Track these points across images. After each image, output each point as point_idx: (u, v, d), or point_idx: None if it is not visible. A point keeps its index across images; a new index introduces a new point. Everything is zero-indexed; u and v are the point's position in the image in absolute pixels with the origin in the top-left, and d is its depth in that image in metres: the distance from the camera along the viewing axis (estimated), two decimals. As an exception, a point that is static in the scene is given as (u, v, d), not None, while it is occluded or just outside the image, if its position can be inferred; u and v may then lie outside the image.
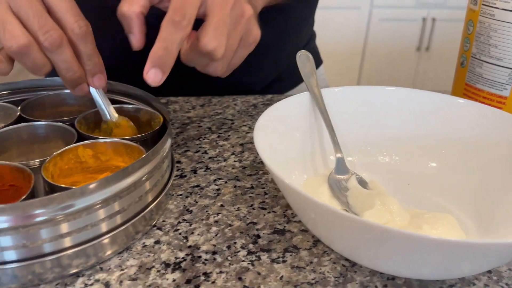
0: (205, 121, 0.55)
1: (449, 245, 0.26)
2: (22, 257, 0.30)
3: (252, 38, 0.40)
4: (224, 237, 0.36)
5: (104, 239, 0.32)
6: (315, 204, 0.28)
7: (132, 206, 0.34)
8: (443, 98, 0.42)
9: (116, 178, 0.32)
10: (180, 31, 0.34)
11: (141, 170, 0.34)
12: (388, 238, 0.26)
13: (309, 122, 0.43)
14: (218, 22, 0.36)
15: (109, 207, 0.32)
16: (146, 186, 0.35)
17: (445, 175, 0.41)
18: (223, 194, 0.41)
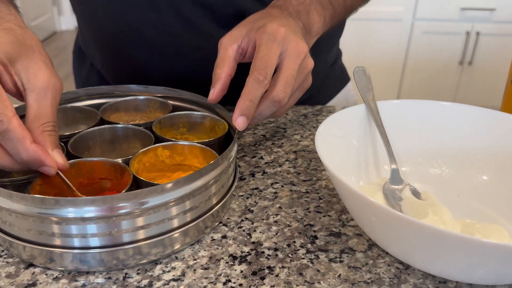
0: (259, 129, 0.59)
1: (503, 250, 0.28)
2: (107, 244, 0.34)
3: (308, 84, 0.48)
4: (284, 236, 0.39)
5: (178, 232, 0.36)
6: (374, 206, 0.31)
7: (202, 204, 0.38)
8: (495, 114, 0.44)
9: (190, 179, 0.36)
10: (262, 87, 0.43)
11: (211, 173, 0.37)
12: (444, 241, 0.29)
13: (364, 133, 0.46)
14: (288, 76, 0.44)
15: (182, 204, 0.36)
16: (214, 188, 0.38)
17: (495, 188, 0.43)
18: (280, 197, 0.44)
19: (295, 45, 0.44)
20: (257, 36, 0.45)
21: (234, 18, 0.54)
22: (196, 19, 0.57)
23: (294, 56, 0.44)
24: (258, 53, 0.44)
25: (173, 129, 0.48)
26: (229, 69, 0.46)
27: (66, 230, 0.33)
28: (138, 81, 0.59)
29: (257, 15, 0.49)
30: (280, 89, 0.43)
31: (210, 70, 0.50)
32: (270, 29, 0.45)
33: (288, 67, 0.44)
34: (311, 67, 0.46)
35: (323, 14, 0.53)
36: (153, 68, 0.62)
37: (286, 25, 0.46)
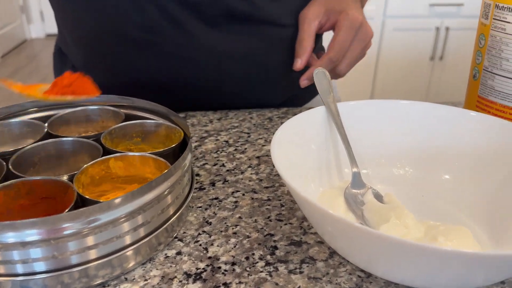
0: (222, 135, 0.57)
1: (464, 257, 0.27)
2: (52, 268, 0.32)
3: (368, 40, 0.61)
4: (242, 248, 0.37)
5: (128, 250, 0.34)
6: (332, 217, 0.29)
7: (155, 219, 0.36)
8: (456, 111, 0.43)
9: (140, 192, 0.33)
10: (332, 65, 0.58)
11: (164, 184, 0.35)
12: (403, 250, 0.27)
13: (324, 136, 0.45)
14: (351, 58, 0.59)
15: (133, 220, 0.34)
16: (168, 200, 0.36)
17: (458, 187, 0.42)
18: (241, 206, 0.42)
19: (365, 30, 0.59)
20: (340, 19, 0.57)
21: (221, 18, 0.57)
22: (181, 18, 0.56)
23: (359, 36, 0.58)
24: (338, 37, 0.57)
25: (126, 140, 0.45)
26: (312, 42, 0.58)
27: (6, 256, 0.31)
28: (122, 82, 0.59)
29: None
30: (338, 52, 0.57)
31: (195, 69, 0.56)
32: (352, 16, 0.57)
33: (347, 37, 0.57)
34: (370, 36, 0.60)
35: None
36: (137, 68, 0.60)
37: (358, 9, 0.60)
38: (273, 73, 0.64)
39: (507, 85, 0.48)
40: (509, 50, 0.47)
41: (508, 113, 0.49)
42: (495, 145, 0.40)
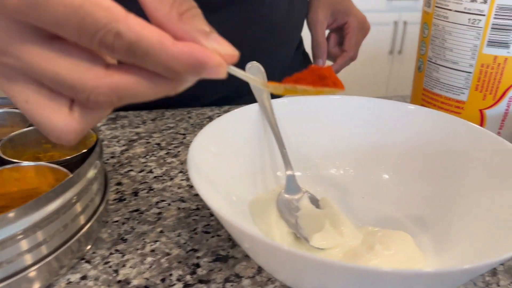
0: (155, 137, 0.52)
1: (394, 276, 0.23)
2: None
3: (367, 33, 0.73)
4: (159, 268, 0.32)
5: (23, 275, 0.29)
6: (247, 235, 0.25)
7: (56, 237, 0.31)
8: (393, 105, 0.40)
9: (35, 206, 0.28)
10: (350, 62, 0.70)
11: (60, 198, 0.30)
12: (323, 270, 0.24)
13: (258, 136, 0.40)
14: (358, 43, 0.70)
15: (29, 238, 0.29)
16: (71, 214, 0.31)
17: (398, 187, 0.39)
18: (164, 218, 0.38)
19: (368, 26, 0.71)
20: (351, 21, 0.68)
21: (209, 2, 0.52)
22: None
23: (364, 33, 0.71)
24: (353, 37, 0.68)
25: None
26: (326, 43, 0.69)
27: None
28: None
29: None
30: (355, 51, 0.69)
31: None
32: (360, 18, 0.69)
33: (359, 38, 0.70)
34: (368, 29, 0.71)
35: None
36: None
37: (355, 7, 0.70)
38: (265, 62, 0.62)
39: (451, 77, 0.46)
40: (452, 39, 0.45)
41: (453, 106, 0.47)
42: (435, 140, 0.38)
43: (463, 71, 0.45)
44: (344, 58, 0.67)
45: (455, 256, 0.32)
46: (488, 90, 0.44)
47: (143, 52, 0.20)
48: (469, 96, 0.45)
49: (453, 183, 0.36)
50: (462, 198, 0.35)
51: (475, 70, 0.44)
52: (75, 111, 0.22)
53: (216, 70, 0.21)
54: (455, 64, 0.45)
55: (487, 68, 0.43)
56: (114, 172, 0.44)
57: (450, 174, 0.36)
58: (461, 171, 0.36)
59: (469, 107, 0.46)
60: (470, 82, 0.45)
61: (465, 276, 0.26)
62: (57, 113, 0.21)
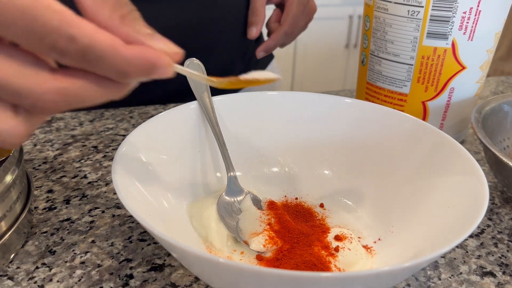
0: (92, 139, 0.49)
1: (331, 281, 0.22)
2: None
3: (312, 15, 0.66)
4: (89, 281, 0.30)
5: None
6: (172, 244, 0.23)
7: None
8: (331, 99, 0.39)
9: None
10: (286, 39, 0.61)
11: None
12: (259, 280, 0.22)
13: (198, 135, 0.39)
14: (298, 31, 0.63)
15: None
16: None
17: (341, 183, 0.38)
18: (97, 227, 0.35)
19: (312, 5, 0.64)
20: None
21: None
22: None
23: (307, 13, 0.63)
24: (291, 10, 0.60)
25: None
26: (265, 12, 0.61)
27: None
28: None
29: None
30: (291, 26, 0.60)
31: None
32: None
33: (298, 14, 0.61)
34: (314, 10, 0.65)
35: None
36: None
37: None
38: (224, 45, 0.63)
39: (393, 69, 0.45)
40: (393, 31, 0.44)
41: (397, 98, 0.46)
42: (373, 133, 0.37)
43: (404, 63, 0.44)
44: (278, 32, 0.60)
45: (397, 251, 0.32)
46: (430, 82, 0.44)
47: (96, 57, 0.19)
48: (411, 89, 0.45)
49: (393, 176, 0.35)
50: (402, 190, 0.34)
51: (416, 62, 0.44)
52: (19, 114, 0.20)
53: (166, 70, 0.21)
54: (397, 57, 0.45)
55: (427, 60, 0.43)
56: (46, 179, 0.41)
57: (389, 167, 0.36)
58: (400, 163, 0.35)
59: (412, 99, 0.46)
60: (411, 74, 0.45)
61: (405, 273, 0.26)
62: (1, 117, 0.20)
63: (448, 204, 0.31)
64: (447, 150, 0.33)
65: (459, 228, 0.27)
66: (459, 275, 0.32)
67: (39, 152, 0.46)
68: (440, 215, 0.31)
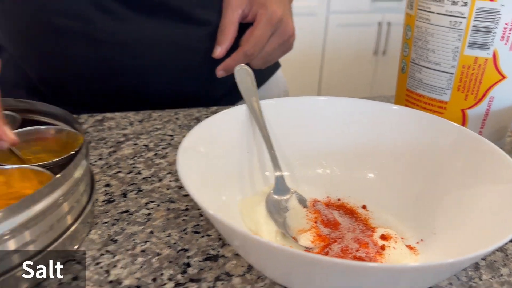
0: (142, 138, 0.52)
1: (381, 271, 0.24)
2: None
3: (288, 49, 0.61)
4: (150, 268, 0.33)
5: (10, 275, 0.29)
6: (237, 232, 0.25)
7: (43, 237, 0.31)
8: (377, 105, 0.41)
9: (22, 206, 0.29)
10: (247, 60, 0.55)
11: (49, 197, 0.30)
12: (316, 267, 0.24)
13: (246, 137, 0.41)
14: (267, 53, 0.57)
15: (17, 238, 0.29)
16: (57, 214, 0.31)
17: (383, 186, 0.39)
18: (153, 219, 0.38)
19: (285, 26, 0.57)
20: (259, 13, 0.56)
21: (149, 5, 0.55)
22: (108, 5, 0.54)
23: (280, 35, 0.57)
24: (255, 31, 0.55)
25: (22, 149, 0.40)
26: (235, 31, 0.57)
27: None
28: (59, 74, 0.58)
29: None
30: (253, 46, 0.55)
31: (129, 56, 0.56)
32: (271, 11, 0.55)
33: (264, 34, 0.55)
34: (290, 32, 0.58)
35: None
36: (71, 58, 0.57)
37: (282, 3, 0.57)
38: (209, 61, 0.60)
39: (434, 78, 0.47)
40: (434, 41, 0.46)
41: (436, 106, 0.48)
42: (419, 139, 0.39)
43: (445, 72, 0.46)
44: (238, 52, 0.55)
45: (439, 252, 0.33)
46: (470, 91, 0.46)
47: None
48: (451, 97, 0.46)
49: (436, 181, 0.37)
50: (445, 195, 0.36)
51: (456, 71, 0.45)
52: None
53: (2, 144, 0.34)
54: (438, 65, 0.46)
55: (468, 69, 0.45)
56: (102, 174, 0.44)
57: (433, 172, 0.37)
58: (444, 169, 0.37)
59: (451, 107, 0.47)
60: (452, 82, 0.46)
61: (448, 270, 0.27)
62: None
63: (491, 209, 0.32)
64: (491, 157, 0.34)
65: (500, 232, 0.28)
66: (500, 276, 0.33)
67: (94, 149, 0.49)
68: (482, 220, 0.32)
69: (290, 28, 0.58)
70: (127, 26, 0.55)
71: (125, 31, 0.55)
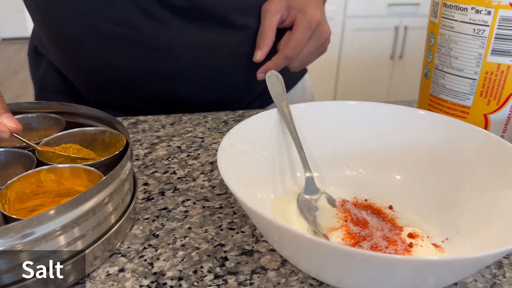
0: (175, 140, 0.55)
1: (412, 264, 0.26)
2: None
3: (323, 51, 0.64)
4: (190, 261, 0.35)
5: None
6: (276, 226, 0.28)
7: (91, 232, 0.33)
8: (405, 110, 0.43)
9: (73, 204, 0.31)
10: (288, 62, 0.59)
11: (98, 196, 0.33)
12: (349, 259, 0.26)
13: (277, 139, 0.43)
14: (305, 56, 0.60)
15: (67, 234, 0.32)
16: (105, 212, 0.34)
17: (410, 187, 0.41)
18: (191, 216, 0.40)
19: (322, 30, 0.60)
20: (298, 18, 0.59)
21: (192, 10, 0.58)
22: (153, 11, 0.56)
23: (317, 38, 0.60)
24: (295, 35, 0.58)
25: (68, 149, 0.43)
26: (273, 36, 0.60)
27: None
28: (100, 79, 0.61)
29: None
30: (292, 50, 0.58)
31: (171, 61, 0.58)
32: (310, 15, 0.59)
33: (303, 38, 0.58)
34: (326, 36, 0.61)
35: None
36: (114, 64, 0.59)
37: (319, 8, 0.61)
38: (246, 65, 0.64)
39: (457, 83, 0.48)
40: (458, 48, 0.47)
41: (459, 110, 0.49)
42: (444, 143, 0.40)
43: (468, 78, 0.47)
44: (278, 55, 0.58)
45: (464, 250, 0.35)
46: (492, 96, 0.47)
47: None
48: (474, 102, 0.48)
49: (461, 183, 0.38)
50: (469, 197, 0.38)
51: (479, 77, 0.47)
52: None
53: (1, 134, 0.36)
54: (461, 72, 0.48)
55: (491, 75, 0.46)
56: (140, 174, 0.47)
57: (457, 174, 0.39)
58: (468, 172, 0.38)
59: (474, 112, 0.48)
60: (475, 88, 0.47)
61: (473, 265, 0.29)
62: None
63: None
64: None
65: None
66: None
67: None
68: (505, 220, 0.34)
69: (326, 31, 0.61)
70: (169, 31, 0.58)
71: (167, 35, 0.58)
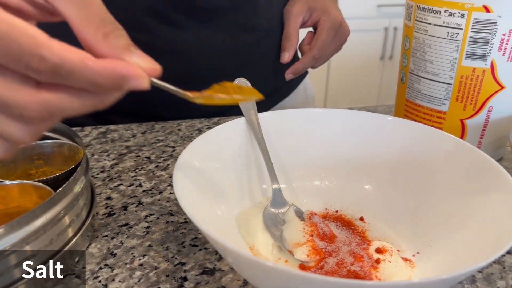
0: (144, 150, 0.53)
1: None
2: None
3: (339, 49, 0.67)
4: (147, 282, 0.33)
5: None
6: (226, 248, 0.26)
7: (43, 251, 0.31)
8: (372, 117, 0.41)
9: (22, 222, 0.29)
10: (314, 62, 0.62)
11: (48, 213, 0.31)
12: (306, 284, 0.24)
13: (245, 150, 0.41)
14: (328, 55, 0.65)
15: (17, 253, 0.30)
16: (57, 229, 0.32)
17: (380, 197, 0.40)
18: (152, 232, 0.39)
19: (343, 29, 0.64)
20: (323, 19, 0.62)
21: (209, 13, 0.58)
22: (170, 15, 0.56)
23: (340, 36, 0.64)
24: (321, 36, 0.61)
25: (25, 163, 0.41)
26: (298, 37, 0.63)
27: None
28: None
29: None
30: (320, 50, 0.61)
31: (187, 64, 0.58)
32: (334, 17, 0.62)
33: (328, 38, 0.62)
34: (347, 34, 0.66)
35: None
36: None
37: (337, 8, 0.66)
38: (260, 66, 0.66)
39: (432, 88, 0.47)
40: (432, 52, 0.46)
41: (435, 116, 0.48)
42: (416, 151, 0.39)
43: (443, 82, 0.46)
44: (307, 56, 0.61)
45: (435, 264, 0.33)
46: (468, 101, 0.46)
47: (67, 72, 0.22)
48: (450, 107, 0.46)
49: (433, 193, 0.37)
50: (441, 207, 0.36)
51: (455, 81, 0.45)
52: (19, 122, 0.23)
53: (138, 82, 0.24)
54: (436, 76, 0.46)
55: (466, 79, 0.45)
56: (104, 187, 0.45)
57: (429, 184, 0.37)
58: (440, 180, 0.37)
59: (450, 117, 0.47)
60: (450, 93, 0.46)
61: (444, 284, 0.27)
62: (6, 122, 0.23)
63: (486, 221, 0.32)
64: (487, 169, 0.34)
65: (496, 244, 0.28)
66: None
67: (96, 162, 0.50)
68: (478, 231, 0.32)
69: (347, 31, 0.65)
70: (185, 34, 0.57)
71: (183, 39, 0.57)
